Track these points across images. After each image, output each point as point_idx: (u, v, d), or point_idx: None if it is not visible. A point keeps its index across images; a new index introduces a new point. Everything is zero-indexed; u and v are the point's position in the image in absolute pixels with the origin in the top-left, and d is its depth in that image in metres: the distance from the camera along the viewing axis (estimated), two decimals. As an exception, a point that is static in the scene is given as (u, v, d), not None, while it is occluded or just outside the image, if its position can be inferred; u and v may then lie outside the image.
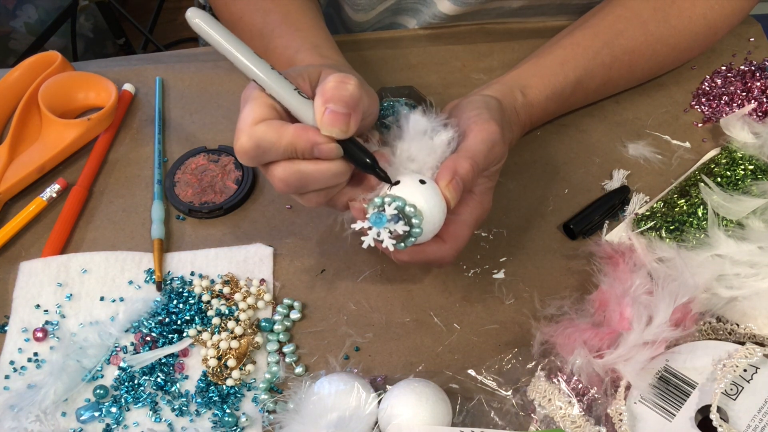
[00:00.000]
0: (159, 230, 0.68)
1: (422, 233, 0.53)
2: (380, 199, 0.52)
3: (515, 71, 0.69)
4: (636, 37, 0.71)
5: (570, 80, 0.69)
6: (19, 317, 0.64)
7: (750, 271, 0.61)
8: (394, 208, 0.52)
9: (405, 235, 0.53)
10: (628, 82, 0.75)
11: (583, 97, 0.73)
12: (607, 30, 0.71)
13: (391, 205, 0.52)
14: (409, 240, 0.53)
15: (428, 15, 0.81)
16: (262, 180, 0.72)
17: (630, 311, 0.57)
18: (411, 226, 0.52)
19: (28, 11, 1.54)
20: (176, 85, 0.80)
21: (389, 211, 0.52)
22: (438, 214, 0.53)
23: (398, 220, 0.52)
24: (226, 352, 0.61)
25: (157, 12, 1.89)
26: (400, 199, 0.52)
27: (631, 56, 0.71)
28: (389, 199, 0.52)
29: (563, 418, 0.57)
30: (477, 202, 0.58)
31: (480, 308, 0.64)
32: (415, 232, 0.52)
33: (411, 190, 0.53)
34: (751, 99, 0.74)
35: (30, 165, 0.71)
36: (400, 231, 0.52)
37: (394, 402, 0.55)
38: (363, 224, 0.52)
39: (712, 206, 0.64)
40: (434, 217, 0.53)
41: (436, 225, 0.54)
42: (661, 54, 0.73)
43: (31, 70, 0.77)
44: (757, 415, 0.54)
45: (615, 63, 0.71)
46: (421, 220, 0.52)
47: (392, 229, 0.52)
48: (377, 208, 0.52)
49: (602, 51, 0.70)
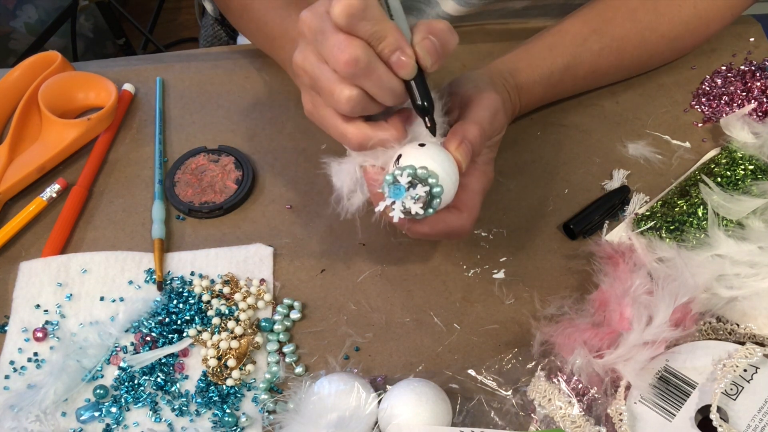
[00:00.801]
0: (160, 230, 0.68)
1: (443, 191, 0.53)
2: (390, 175, 0.52)
3: (503, 57, 0.70)
4: (624, 24, 0.71)
5: (558, 65, 0.69)
6: (19, 317, 0.64)
7: (750, 271, 0.61)
8: (408, 175, 0.52)
9: (427, 197, 0.52)
10: (617, 70, 0.75)
11: (572, 84, 0.73)
12: (596, 17, 0.71)
13: (403, 174, 0.52)
14: (435, 201, 0.53)
15: (432, 15, 0.81)
16: (262, 180, 0.72)
17: (630, 311, 0.57)
18: (430, 186, 0.52)
19: (28, 11, 1.54)
20: (176, 85, 0.80)
21: (404, 180, 0.51)
22: (451, 173, 0.53)
23: (416, 186, 0.52)
24: (226, 352, 0.61)
25: (157, 12, 1.89)
26: (409, 166, 0.52)
27: (620, 43, 0.71)
28: (399, 171, 0.52)
29: (563, 418, 0.57)
30: (481, 172, 0.59)
31: (480, 308, 0.64)
32: (436, 192, 0.52)
33: (415, 155, 0.53)
34: (751, 99, 0.74)
35: (30, 165, 0.71)
36: (422, 193, 0.52)
37: (394, 402, 0.55)
38: (385, 202, 0.52)
39: (712, 206, 0.64)
40: (449, 176, 0.53)
41: (453, 183, 0.54)
42: (650, 41, 0.73)
43: (31, 70, 0.77)
44: (757, 415, 0.54)
45: (603, 50, 0.71)
46: (437, 178, 0.52)
47: (414, 196, 0.52)
48: (390, 184, 0.52)
49: (590, 37, 0.70)
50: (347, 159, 0.57)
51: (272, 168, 0.73)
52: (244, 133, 0.76)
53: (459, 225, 0.57)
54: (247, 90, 0.79)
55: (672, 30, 0.73)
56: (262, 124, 0.77)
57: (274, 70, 0.80)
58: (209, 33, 1.07)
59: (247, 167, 0.72)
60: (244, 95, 0.79)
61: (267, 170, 0.73)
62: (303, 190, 0.72)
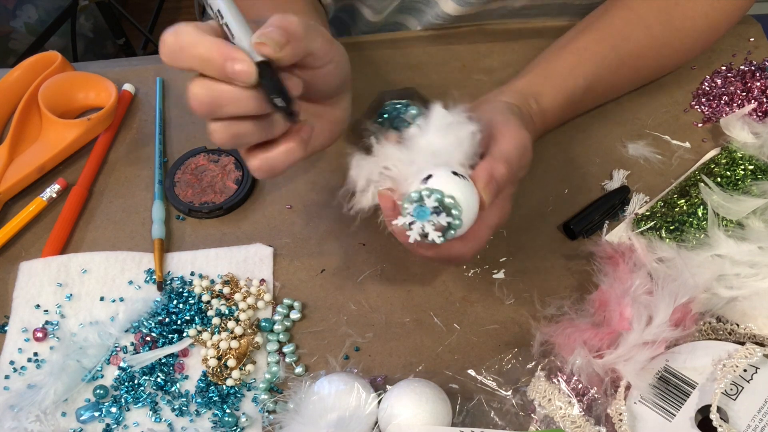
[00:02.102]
0: (159, 230, 0.68)
1: (461, 225, 0.52)
2: (417, 193, 0.51)
3: (526, 78, 0.69)
4: (641, 41, 0.71)
5: (580, 86, 0.69)
6: (19, 317, 0.64)
7: (750, 271, 0.61)
8: (435, 201, 0.51)
9: (445, 227, 0.52)
10: (632, 85, 0.75)
11: (592, 101, 0.73)
12: (614, 34, 0.71)
13: (431, 197, 0.51)
14: (449, 233, 0.52)
15: (431, 15, 0.81)
16: (262, 180, 0.72)
17: (630, 311, 0.57)
18: (452, 217, 0.51)
19: (28, 11, 1.54)
20: (176, 85, 0.80)
21: (430, 204, 0.50)
22: (473, 208, 0.52)
23: (440, 212, 0.51)
24: (226, 352, 0.61)
25: (157, 12, 1.89)
26: (437, 191, 0.51)
27: (637, 60, 0.71)
28: (427, 192, 0.51)
29: (563, 418, 0.57)
30: (499, 207, 0.58)
31: (480, 308, 0.64)
32: (455, 225, 0.51)
33: (446, 182, 0.51)
34: (751, 99, 0.74)
35: (30, 165, 0.71)
36: (443, 222, 0.51)
37: (394, 402, 0.55)
38: (406, 219, 0.51)
39: (712, 206, 0.64)
40: (470, 211, 0.52)
41: (471, 219, 0.53)
42: (665, 56, 0.73)
43: (31, 70, 0.77)
44: (757, 415, 0.54)
45: (622, 67, 0.71)
46: (460, 212, 0.51)
47: (435, 222, 0.51)
48: (415, 202, 0.51)
49: (609, 55, 0.70)
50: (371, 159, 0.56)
51: (272, 168, 0.73)
52: (244, 133, 0.76)
53: (461, 253, 0.56)
54: (247, 90, 0.79)
55: (686, 43, 0.73)
56: (262, 124, 0.77)
57: (274, 70, 0.80)
58: (209, 33, 1.06)
59: (247, 167, 0.72)
60: (244, 95, 0.79)
61: (267, 170, 0.73)
62: (303, 190, 0.72)
